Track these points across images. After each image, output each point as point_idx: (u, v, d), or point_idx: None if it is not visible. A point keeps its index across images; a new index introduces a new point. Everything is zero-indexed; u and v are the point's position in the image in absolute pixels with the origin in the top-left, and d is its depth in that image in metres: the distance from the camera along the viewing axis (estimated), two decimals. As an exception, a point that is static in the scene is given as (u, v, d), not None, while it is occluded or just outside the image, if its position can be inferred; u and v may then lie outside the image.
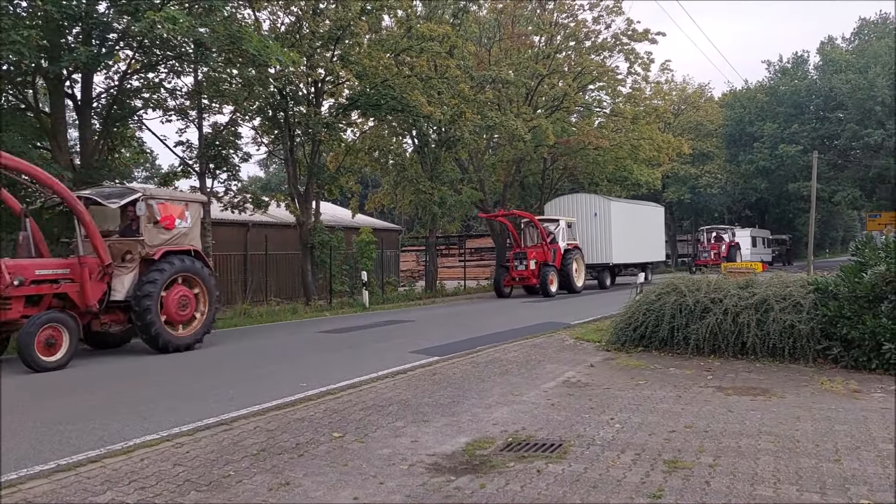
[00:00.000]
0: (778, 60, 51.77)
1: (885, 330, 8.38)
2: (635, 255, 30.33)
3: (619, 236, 28.55)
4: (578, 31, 31.35)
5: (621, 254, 28.95)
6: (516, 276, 24.70)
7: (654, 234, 33.34)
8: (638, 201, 34.99)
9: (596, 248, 28.22)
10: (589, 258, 27.91)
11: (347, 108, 23.38)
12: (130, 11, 14.34)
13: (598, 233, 28.34)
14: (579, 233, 28.00)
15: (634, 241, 29.97)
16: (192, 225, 12.99)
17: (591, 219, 28.41)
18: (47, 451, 5.80)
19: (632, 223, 29.87)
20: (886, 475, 4.84)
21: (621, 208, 29.79)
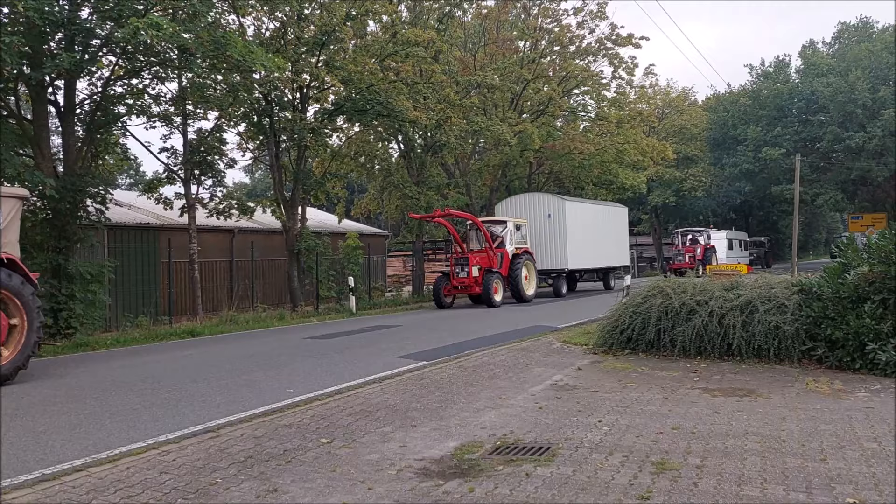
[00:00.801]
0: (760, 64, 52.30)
1: (868, 330, 8.47)
2: (596, 260, 28.54)
3: (576, 239, 26.51)
4: (563, 35, 31.54)
5: (578, 258, 26.80)
6: (457, 283, 22.39)
7: (618, 237, 31.16)
8: (598, 201, 32.96)
9: (550, 252, 26.11)
10: (542, 263, 25.87)
11: (333, 113, 23.38)
12: (114, 17, 14.24)
13: (552, 236, 26.21)
14: (532, 236, 25.77)
15: (595, 244, 28.09)
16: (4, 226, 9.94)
17: (544, 220, 26.27)
18: (32, 460, 5.73)
19: (591, 225, 27.95)
20: (871, 474, 4.89)
21: (578, 209, 27.65)
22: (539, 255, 25.66)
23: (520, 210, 26.60)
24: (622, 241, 31.72)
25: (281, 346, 13.42)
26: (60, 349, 13.59)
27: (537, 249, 25.69)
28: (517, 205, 27.10)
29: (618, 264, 31.01)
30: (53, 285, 14.94)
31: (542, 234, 26.16)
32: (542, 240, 26.10)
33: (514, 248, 23.62)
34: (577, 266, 26.98)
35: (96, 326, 16.59)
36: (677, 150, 45.09)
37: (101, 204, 16.78)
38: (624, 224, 32.16)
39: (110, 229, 19.41)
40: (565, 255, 25.91)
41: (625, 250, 32.14)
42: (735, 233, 50.68)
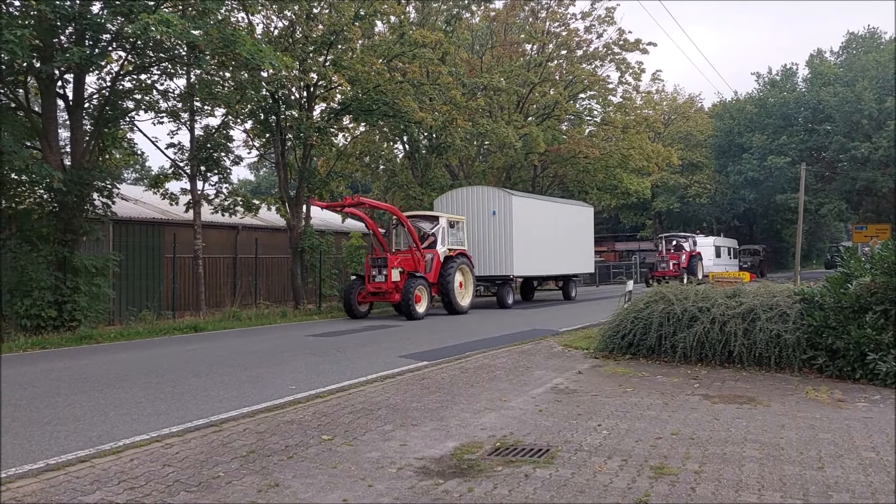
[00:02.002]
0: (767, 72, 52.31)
1: (869, 340, 8.49)
2: (551, 266, 24.96)
3: (525, 241, 22.89)
4: (570, 40, 31.59)
5: (528, 264, 23.24)
6: (374, 289, 18.74)
7: (581, 241, 27.39)
8: (558, 199, 29.48)
9: (494, 255, 22.63)
10: (485, 268, 22.59)
11: (339, 112, 23.45)
12: (124, 13, 14.34)
13: (496, 236, 22.63)
14: (474, 236, 22.69)
15: (550, 247, 24.49)
16: None
17: (488, 218, 22.69)
18: (37, 450, 5.79)
19: (547, 225, 24.47)
20: (868, 483, 4.92)
21: (528, 206, 23.91)
22: (481, 258, 22.58)
23: (461, 205, 23.19)
24: (586, 246, 28.19)
25: (283, 343, 13.47)
26: (64, 341, 13.67)
27: (479, 252, 22.63)
28: (458, 199, 23.54)
29: (579, 271, 27.79)
30: (58, 278, 15.03)
31: (485, 235, 22.80)
32: (485, 241, 22.78)
33: (447, 248, 20.41)
34: (525, 272, 23.70)
35: (100, 320, 16.68)
36: (682, 156, 45.13)
37: (108, 198, 16.88)
38: (588, 226, 28.60)
39: (116, 223, 19.44)
40: (510, 260, 22.37)
41: (588, 256, 28.58)
42: (724, 239, 47.85)
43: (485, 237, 22.80)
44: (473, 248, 22.37)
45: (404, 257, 19.45)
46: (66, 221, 15.53)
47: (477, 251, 22.45)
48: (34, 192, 15.92)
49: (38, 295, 14.56)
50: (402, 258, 19.32)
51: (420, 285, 18.54)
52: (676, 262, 36.51)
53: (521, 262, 22.63)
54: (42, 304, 14.59)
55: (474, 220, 22.77)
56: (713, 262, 41.12)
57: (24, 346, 12.87)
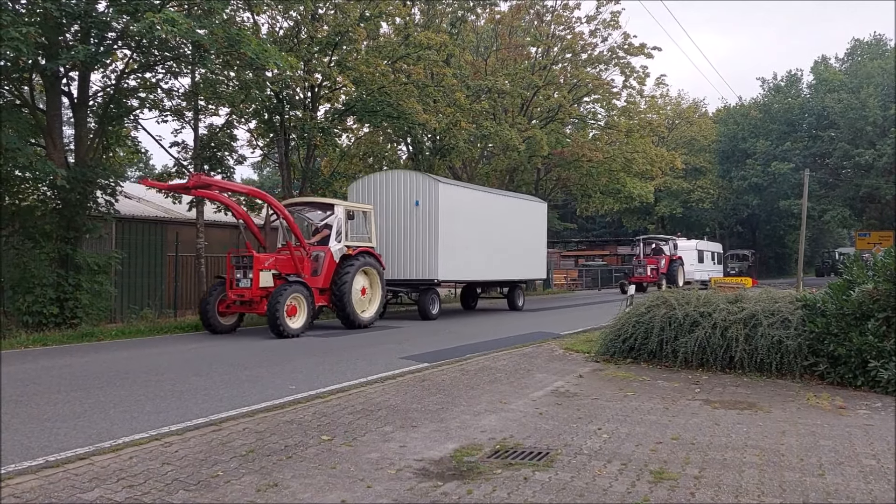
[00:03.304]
0: (772, 78, 52.36)
1: (871, 347, 8.48)
2: (491, 270, 21.24)
3: (455, 239, 19.07)
4: (575, 43, 31.60)
5: (457, 266, 19.38)
6: (235, 296, 14.90)
7: (531, 242, 23.39)
8: (501, 191, 25.21)
9: (416, 255, 18.85)
10: (404, 271, 18.93)
11: (343, 113, 23.48)
12: (130, 11, 14.36)
13: (419, 232, 18.80)
14: (393, 231, 19.10)
15: (488, 248, 20.78)
16: None
17: (410, 210, 18.93)
18: (36, 446, 5.79)
19: (484, 221, 20.77)
20: (868, 490, 4.91)
21: (460, 196, 19.93)
22: (400, 258, 19.01)
23: (379, 193, 19.46)
24: (537, 247, 24.20)
25: (284, 342, 13.47)
26: (66, 339, 13.69)
27: (398, 251, 19.07)
28: (375, 186, 19.69)
29: (528, 277, 24.13)
30: (61, 275, 15.05)
31: (406, 230, 18.99)
32: (405, 237, 19.00)
33: (343, 246, 16.26)
34: (453, 276, 20.10)
35: (102, 317, 16.69)
36: (686, 160, 45.06)
37: (111, 196, 16.90)
38: (541, 225, 24.56)
39: (118, 221, 19.42)
40: (435, 261, 18.54)
41: (540, 259, 24.56)
42: (708, 243, 45.27)
43: (405, 233, 18.98)
44: (390, 246, 18.95)
45: (280, 256, 15.52)
46: (69, 219, 15.55)
47: (395, 250, 18.97)
48: (38, 189, 15.95)
49: (40, 292, 14.58)
50: (278, 257, 15.41)
51: (295, 293, 14.47)
52: (655, 268, 34.48)
53: (448, 265, 18.87)
54: (44, 301, 14.60)
55: (394, 212, 19.04)
56: (696, 267, 39.08)
57: (25, 343, 12.89)
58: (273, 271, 15.07)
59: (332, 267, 16.04)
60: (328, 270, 15.97)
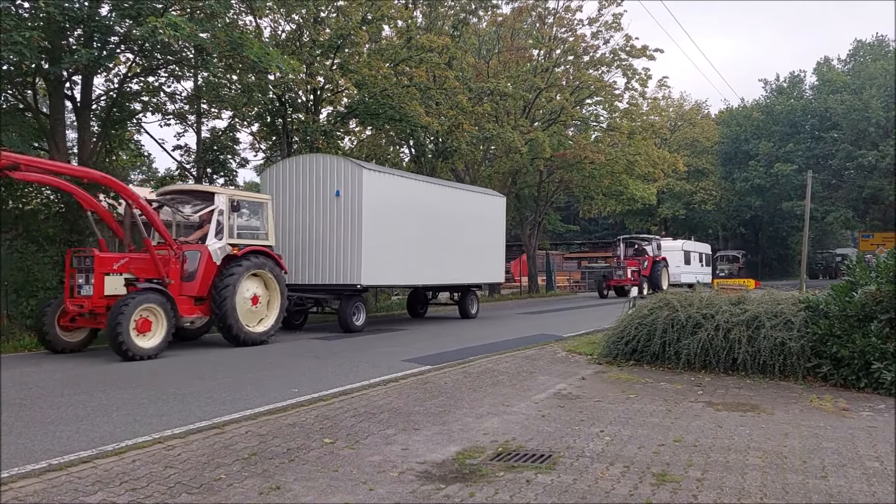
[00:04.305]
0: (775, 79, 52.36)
1: (874, 349, 8.46)
2: (435, 273, 18.48)
3: (381, 236, 16.19)
4: (577, 45, 31.59)
5: (387, 268, 16.54)
6: (74, 307, 11.87)
7: (485, 240, 20.60)
8: (446, 182, 22.17)
9: (335, 255, 15.94)
10: (321, 274, 16.09)
11: (346, 116, 23.52)
12: (132, 15, 14.41)
13: (339, 228, 15.91)
14: (308, 227, 16.32)
15: (432, 247, 18.09)
16: None
17: (330, 202, 16.05)
18: (39, 450, 5.81)
19: (426, 216, 17.95)
20: (872, 493, 4.90)
21: (390, 186, 16.92)
22: (317, 259, 16.19)
23: (294, 182, 16.66)
24: (493, 247, 21.23)
25: (286, 345, 13.49)
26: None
27: (315, 250, 16.22)
28: (290, 173, 16.81)
29: (483, 280, 21.41)
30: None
31: (324, 225, 16.11)
32: (323, 234, 16.11)
33: (226, 244, 13.22)
34: (382, 281, 17.25)
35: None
36: (688, 162, 44.98)
37: (114, 199, 16.94)
38: (498, 221, 21.68)
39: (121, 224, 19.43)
40: (357, 263, 15.66)
41: (497, 260, 21.57)
42: (695, 244, 42.55)
43: (324, 229, 16.10)
44: (307, 245, 16.37)
45: (138, 257, 12.50)
46: (73, 222, 15.59)
47: (312, 249, 16.26)
48: (41, 193, 16.01)
49: (43, 295, 14.59)
50: (133, 258, 12.39)
51: (148, 303, 11.48)
52: (636, 270, 31.98)
53: (374, 267, 15.99)
54: (47, 305, 14.61)
55: (311, 204, 16.30)
56: (682, 269, 36.86)
57: (28, 346, 12.91)
58: (126, 275, 12.09)
59: (212, 270, 13.01)
60: (205, 274, 12.94)
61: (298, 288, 16.19)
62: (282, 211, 16.39)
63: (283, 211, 16.47)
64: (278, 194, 16.55)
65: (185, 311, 12.72)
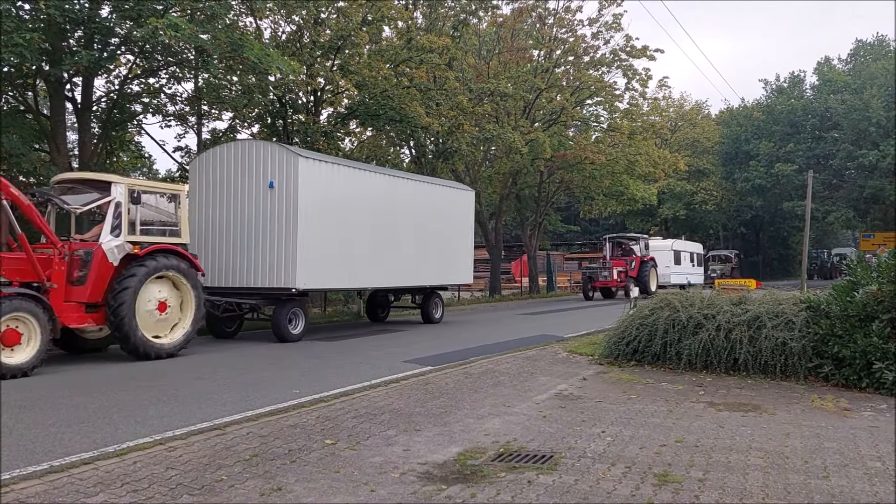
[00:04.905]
0: (775, 79, 52.35)
1: (875, 349, 8.45)
2: (390, 275, 16.71)
3: (321, 234, 14.57)
4: (577, 46, 31.59)
5: (329, 269, 14.86)
6: None
7: (451, 239, 19.06)
8: (407, 174, 20.46)
9: (267, 255, 14.24)
10: (251, 277, 14.37)
11: (346, 117, 23.51)
12: (133, 17, 14.44)
13: (272, 224, 14.26)
14: (238, 223, 14.57)
15: (386, 246, 16.44)
16: None
17: (263, 194, 14.35)
18: (40, 451, 5.81)
19: (378, 211, 16.24)
20: (874, 492, 4.89)
21: (334, 177, 15.11)
22: (248, 259, 14.43)
23: (225, 171, 14.83)
24: (460, 245, 19.58)
25: (287, 347, 13.48)
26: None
27: (246, 248, 14.47)
28: (222, 162, 14.97)
29: (448, 282, 19.76)
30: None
31: (256, 221, 14.44)
32: (255, 231, 14.44)
33: (124, 242, 11.38)
34: (322, 284, 15.29)
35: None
36: (689, 162, 44.93)
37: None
38: (466, 217, 20.06)
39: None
40: (292, 263, 14.00)
41: (465, 260, 19.80)
42: (686, 243, 40.68)
43: (256, 225, 14.45)
44: (235, 243, 14.59)
45: (12, 256, 10.70)
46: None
47: (243, 248, 14.51)
48: (42, 194, 15.99)
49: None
50: (6, 258, 10.58)
51: (18, 311, 9.76)
52: (622, 270, 30.53)
53: (313, 268, 14.34)
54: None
55: (243, 197, 14.56)
56: (672, 269, 35.44)
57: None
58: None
59: (108, 272, 11.18)
60: (99, 277, 11.11)
61: (227, 292, 14.47)
62: (211, 205, 14.89)
63: (213, 205, 14.88)
64: (209, 186, 14.94)
65: (74, 320, 10.96)
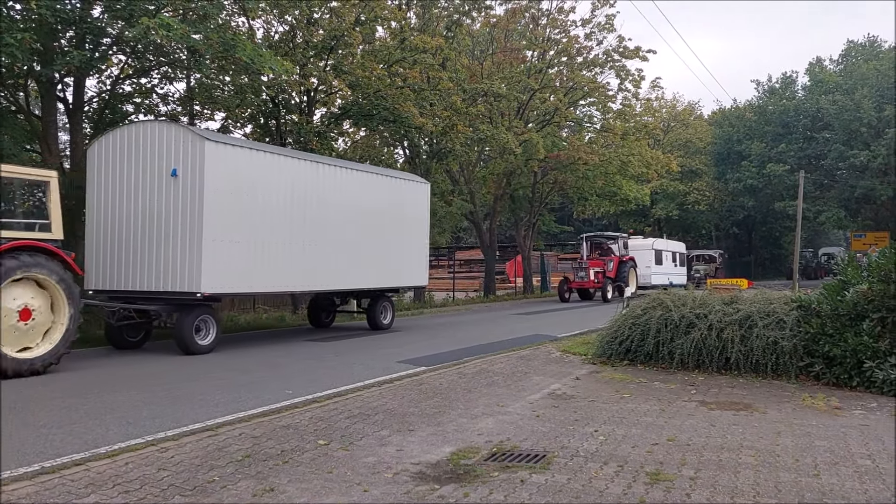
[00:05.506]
0: (767, 80, 52.59)
1: (866, 348, 8.51)
2: (325, 277, 14.83)
3: (233, 229, 12.73)
4: (570, 46, 31.63)
5: (243, 271, 12.96)
6: None
7: (402, 237, 17.16)
8: (346, 162, 17.57)
9: (168, 254, 12.37)
10: (150, 279, 12.51)
11: (339, 117, 23.47)
12: (125, 17, 14.37)
13: (174, 218, 12.42)
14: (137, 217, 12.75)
15: (318, 243, 14.54)
16: None
17: (166, 184, 12.48)
18: (31, 452, 5.78)
19: (308, 203, 14.39)
20: (864, 490, 4.92)
21: (249, 164, 13.18)
22: (147, 258, 12.60)
23: (125, 158, 12.94)
24: (413, 244, 17.72)
25: (280, 347, 13.46)
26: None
27: (141, 245, 12.64)
28: (121, 148, 13.03)
29: (398, 284, 17.73)
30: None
31: (155, 214, 12.57)
32: (153, 225, 12.59)
33: None
34: (234, 288, 13.29)
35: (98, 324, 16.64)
36: (682, 163, 45.01)
37: None
38: (420, 212, 18.16)
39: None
40: (197, 263, 12.14)
41: (418, 260, 18.03)
42: (668, 242, 38.92)
43: (157, 220, 12.56)
44: (133, 240, 12.76)
45: None
46: (67, 225, 15.52)
47: (140, 246, 12.67)
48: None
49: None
50: None
51: None
52: (600, 271, 29.14)
53: (222, 269, 12.47)
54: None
55: (142, 187, 12.72)
56: (652, 269, 33.82)
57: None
58: None
59: None
60: None
61: (125, 296, 12.83)
62: (109, 196, 13.08)
63: (111, 197, 13.09)
64: (106, 175, 13.17)
65: None
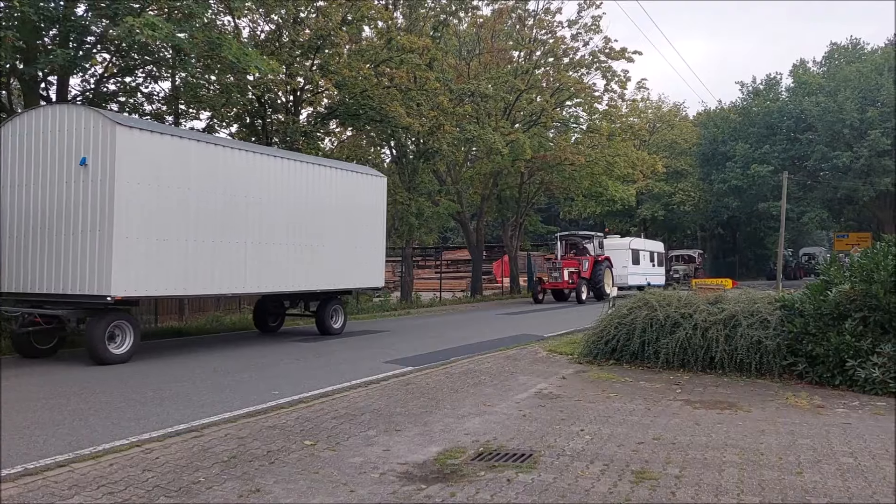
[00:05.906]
0: (751, 82, 52.89)
1: (848, 347, 8.60)
2: (264, 278, 13.62)
3: (155, 225, 11.50)
4: (557, 47, 31.73)
5: (161, 271, 11.57)
6: None
7: (355, 234, 16.02)
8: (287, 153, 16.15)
9: (75, 252, 11.08)
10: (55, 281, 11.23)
11: (326, 117, 23.41)
12: (109, 15, 14.26)
13: (83, 213, 11.11)
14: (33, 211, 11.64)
15: (255, 241, 13.36)
16: None
17: (74, 174, 11.17)
18: (14, 454, 5.73)
19: (246, 197, 13.19)
20: (846, 488, 4.98)
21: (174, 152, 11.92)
22: (48, 257, 11.36)
23: (28, 146, 11.70)
24: (367, 242, 16.52)
25: (267, 348, 13.41)
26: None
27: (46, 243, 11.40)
28: (26, 135, 11.78)
29: (351, 286, 16.39)
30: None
31: (62, 208, 11.32)
32: (59, 221, 11.31)
33: None
34: (153, 290, 11.77)
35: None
36: (667, 164, 45.26)
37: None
38: (374, 208, 16.94)
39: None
40: (106, 263, 10.81)
41: (373, 259, 16.78)
42: (645, 241, 38.23)
43: (65, 215, 11.27)
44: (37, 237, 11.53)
45: None
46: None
47: (44, 244, 11.44)
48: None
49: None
50: None
51: None
52: (574, 271, 28.05)
53: (140, 270, 11.20)
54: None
55: (49, 178, 11.48)
56: (630, 269, 32.92)
57: (6, 352, 12.71)
58: None
59: None
60: None
61: (30, 300, 11.62)
62: (15, 189, 11.88)
63: (15, 189, 11.87)
64: (13, 164, 11.92)
65: None
